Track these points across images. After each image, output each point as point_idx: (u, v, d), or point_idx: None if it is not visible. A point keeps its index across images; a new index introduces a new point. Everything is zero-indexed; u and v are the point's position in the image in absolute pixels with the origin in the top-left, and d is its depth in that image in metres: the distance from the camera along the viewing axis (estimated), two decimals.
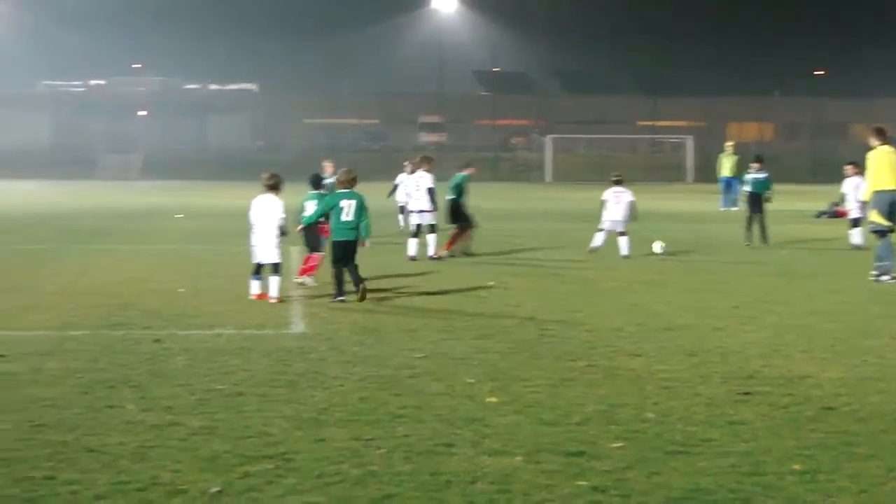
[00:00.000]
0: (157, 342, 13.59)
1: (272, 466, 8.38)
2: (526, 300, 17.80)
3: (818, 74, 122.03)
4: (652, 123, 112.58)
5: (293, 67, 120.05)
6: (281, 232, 17.64)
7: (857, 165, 28.22)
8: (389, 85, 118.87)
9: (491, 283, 20.01)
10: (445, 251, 24.72)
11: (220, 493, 7.79)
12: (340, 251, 17.56)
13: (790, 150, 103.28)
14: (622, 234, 25.12)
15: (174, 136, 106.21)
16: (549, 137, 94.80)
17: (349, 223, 17.56)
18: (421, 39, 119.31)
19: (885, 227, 20.43)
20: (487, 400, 10.59)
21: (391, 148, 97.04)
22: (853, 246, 27.42)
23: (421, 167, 25.35)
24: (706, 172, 72.67)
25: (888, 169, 20.62)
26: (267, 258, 17.53)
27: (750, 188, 28.83)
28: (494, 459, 8.61)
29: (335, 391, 10.93)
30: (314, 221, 18.76)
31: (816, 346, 13.70)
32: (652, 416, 10.03)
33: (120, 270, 21.77)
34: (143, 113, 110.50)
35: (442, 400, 10.58)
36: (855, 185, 28.01)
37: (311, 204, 19.22)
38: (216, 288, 18.99)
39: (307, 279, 19.58)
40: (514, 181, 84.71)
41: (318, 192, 19.95)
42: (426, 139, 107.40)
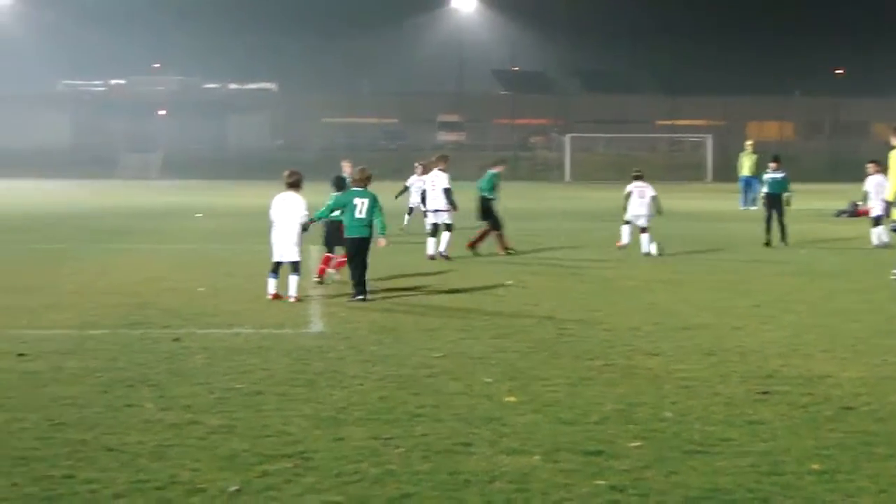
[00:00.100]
0: (176, 341, 13.61)
1: (291, 465, 8.39)
2: (544, 299, 17.78)
3: (838, 73, 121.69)
4: (671, 123, 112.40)
5: (312, 67, 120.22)
6: (303, 228, 17.69)
7: (878, 163, 28.16)
8: (409, 84, 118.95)
9: (509, 282, 20.00)
10: (473, 249, 24.81)
11: (238, 491, 7.80)
12: (354, 248, 17.72)
13: (810, 149, 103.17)
14: (644, 230, 25.08)
15: (194, 135, 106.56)
16: (567, 136, 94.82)
17: (362, 220, 17.71)
18: (440, 39, 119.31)
19: None
20: (506, 399, 10.59)
21: (410, 147, 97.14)
22: (875, 245, 27.33)
23: (436, 166, 25.34)
24: (726, 172, 72.61)
25: None
26: (287, 256, 17.55)
27: (767, 188, 28.71)
28: (512, 459, 8.60)
29: (354, 390, 10.94)
30: (336, 221, 18.78)
31: (836, 345, 13.65)
32: (670, 415, 10.01)
33: (139, 270, 21.82)
34: (162, 112, 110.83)
35: (460, 399, 10.58)
36: (877, 183, 27.94)
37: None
38: (235, 287, 19.02)
39: (333, 273, 19.64)
40: (533, 180, 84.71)
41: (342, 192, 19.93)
42: (445, 138, 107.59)
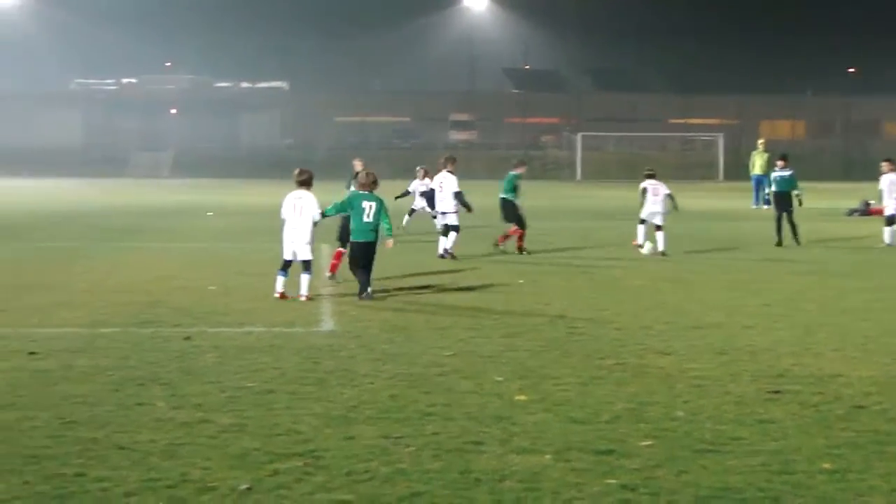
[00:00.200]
0: (187, 340, 13.63)
1: (301, 464, 8.39)
2: (555, 298, 17.77)
3: (851, 73, 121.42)
4: (683, 121, 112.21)
5: (324, 65, 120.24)
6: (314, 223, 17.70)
7: (892, 162, 28.09)
8: (420, 83, 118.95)
9: (520, 281, 20.00)
10: (499, 244, 24.84)
11: (249, 490, 7.80)
12: (360, 251, 17.73)
13: (822, 148, 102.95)
14: (659, 228, 25.03)
15: (205, 134, 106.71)
16: (579, 135, 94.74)
17: (370, 224, 17.70)
18: (452, 37, 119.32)
19: None
20: (516, 398, 10.59)
21: (422, 146, 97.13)
22: (887, 243, 27.26)
23: (444, 168, 25.27)
24: (738, 170, 72.49)
25: None
26: (300, 255, 17.52)
27: (776, 187, 28.62)
28: (523, 458, 8.60)
29: (364, 389, 10.94)
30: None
31: (847, 344, 13.63)
32: (681, 414, 10.00)
33: (150, 268, 21.86)
34: (174, 111, 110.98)
35: (471, 398, 10.58)
36: (890, 181, 27.86)
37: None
38: (246, 286, 19.03)
39: (329, 276, 19.68)
40: (544, 179, 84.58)
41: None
42: (456, 137, 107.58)
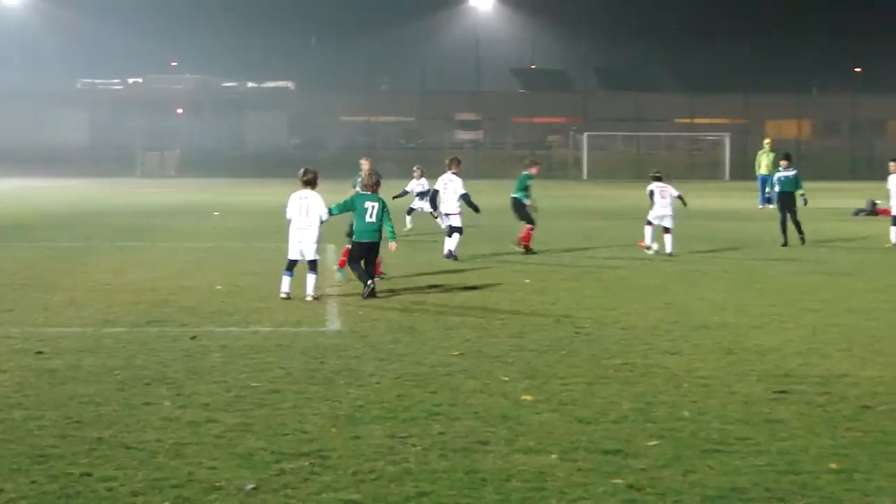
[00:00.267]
0: (193, 339, 13.64)
1: (307, 464, 8.40)
2: (561, 298, 17.77)
3: (857, 72, 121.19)
4: (690, 121, 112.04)
5: (330, 65, 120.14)
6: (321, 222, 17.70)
7: None
8: (426, 83, 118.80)
9: (526, 280, 20.00)
10: (522, 246, 24.81)
11: (255, 489, 7.81)
12: (364, 251, 17.86)
13: (829, 147, 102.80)
14: (667, 230, 24.95)
15: (211, 133, 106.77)
16: (585, 135, 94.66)
17: (373, 224, 17.84)
18: (458, 37, 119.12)
19: None
20: (522, 398, 10.59)
21: (428, 146, 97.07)
22: (894, 243, 27.23)
23: (450, 169, 25.23)
24: (744, 170, 72.42)
25: None
26: (307, 255, 17.51)
27: (779, 187, 28.55)
28: (529, 457, 8.60)
29: (371, 389, 10.95)
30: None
31: (854, 344, 13.62)
32: (688, 414, 10.00)
33: (157, 268, 21.88)
34: (180, 111, 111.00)
35: (477, 398, 10.58)
36: None
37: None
38: (253, 285, 19.04)
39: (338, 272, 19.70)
40: (550, 178, 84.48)
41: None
42: (463, 137, 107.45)
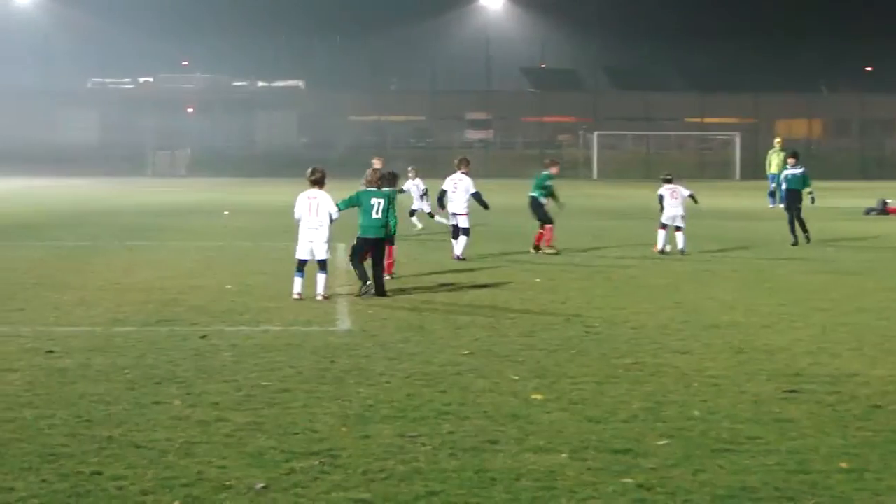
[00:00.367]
0: (203, 338, 13.66)
1: (317, 463, 8.41)
2: (571, 297, 17.76)
3: (867, 71, 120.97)
4: (700, 120, 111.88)
5: (340, 64, 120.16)
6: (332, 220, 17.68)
7: None
8: (436, 82, 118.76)
9: (537, 279, 20.00)
10: (546, 248, 24.75)
11: (265, 488, 7.82)
12: (369, 247, 17.86)
13: (839, 146, 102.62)
14: (679, 228, 24.95)
15: (221, 132, 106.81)
16: (595, 134, 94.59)
17: (379, 220, 17.87)
18: (468, 36, 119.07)
19: None
20: (532, 397, 10.59)
21: (438, 145, 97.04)
22: None
23: (459, 169, 25.18)
24: (755, 169, 72.30)
25: None
26: (317, 254, 17.47)
27: (787, 185, 28.47)
28: (539, 456, 8.60)
29: (381, 388, 10.95)
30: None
31: (865, 343, 13.60)
32: (698, 413, 9.99)
33: (167, 267, 21.90)
34: (190, 110, 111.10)
35: (487, 397, 10.58)
36: None
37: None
38: (263, 284, 19.06)
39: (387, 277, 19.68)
40: (560, 178, 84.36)
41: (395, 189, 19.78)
42: (473, 136, 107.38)
